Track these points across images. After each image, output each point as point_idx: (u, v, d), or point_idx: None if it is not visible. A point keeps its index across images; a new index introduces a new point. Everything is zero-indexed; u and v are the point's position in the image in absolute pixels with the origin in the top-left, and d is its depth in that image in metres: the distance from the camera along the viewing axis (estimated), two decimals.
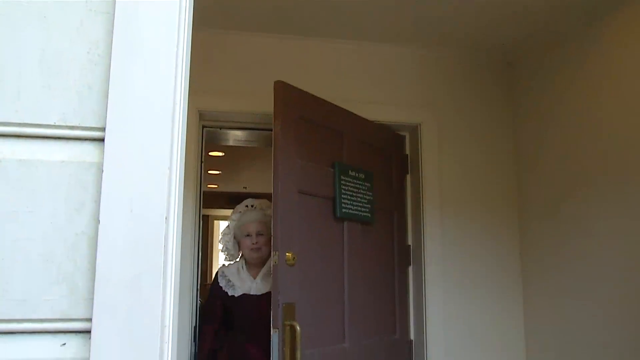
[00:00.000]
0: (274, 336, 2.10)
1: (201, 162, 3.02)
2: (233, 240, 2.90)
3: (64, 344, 0.85)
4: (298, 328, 2.12)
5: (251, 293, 2.76)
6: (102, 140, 0.90)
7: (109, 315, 0.83)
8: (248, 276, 2.82)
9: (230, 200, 8.82)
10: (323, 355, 2.19)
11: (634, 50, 2.39)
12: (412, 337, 3.06)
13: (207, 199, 3.34)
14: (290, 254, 2.19)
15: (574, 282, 2.70)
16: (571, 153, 2.76)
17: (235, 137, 3.47)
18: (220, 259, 10.45)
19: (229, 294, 2.78)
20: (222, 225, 10.94)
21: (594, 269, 2.56)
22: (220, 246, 2.94)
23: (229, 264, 2.96)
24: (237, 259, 2.94)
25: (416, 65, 3.24)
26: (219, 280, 2.86)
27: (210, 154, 5.89)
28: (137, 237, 0.85)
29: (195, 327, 2.83)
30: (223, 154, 6.06)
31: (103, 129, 0.90)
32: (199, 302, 2.94)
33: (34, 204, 0.87)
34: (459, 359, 3.00)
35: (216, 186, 8.15)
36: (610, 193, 2.48)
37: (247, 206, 2.90)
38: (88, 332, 0.85)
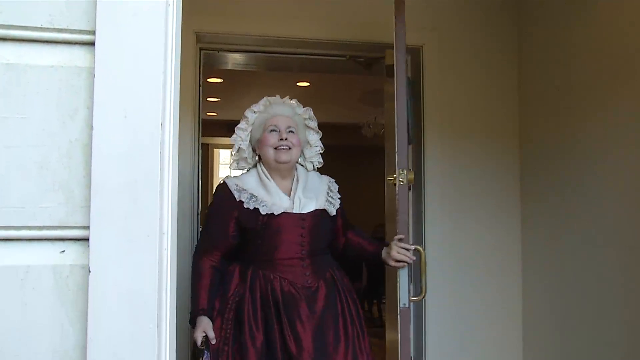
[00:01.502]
0: None
1: (199, 86, 2.95)
2: (249, 142, 2.12)
3: (63, 251, 0.85)
4: (423, 251, 2.08)
5: (293, 211, 1.98)
6: (92, 44, 0.86)
7: (106, 223, 0.83)
8: (278, 189, 2.02)
9: (230, 128, 8.74)
10: None
11: None
12: None
13: (206, 127, 3.29)
14: (412, 175, 2.07)
15: (572, 208, 2.71)
16: (577, 81, 2.69)
17: (234, 60, 3.39)
18: None
19: (262, 211, 1.94)
20: (222, 154, 10.87)
21: (594, 195, 2.57)
22: (234, 149, 2.15)
23: (236, 175, 2.12)
24: (249, 169, 2.13)
25: None
26: (235, 195, 1.98)
27: (209, 80, 5.77)
28: (132, 144, 0.83)
29: None
30: (222, 80, 5.94)
31: (93, 32, 0.86)
32: (199, 228, 2.94)
33: (24, 110, 0.85)
34: (456, 283, 3.05)
35: (215, 114, 8.04)
36: (612, 120, 2.45)
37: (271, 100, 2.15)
38: (87, 239, 0.85)
